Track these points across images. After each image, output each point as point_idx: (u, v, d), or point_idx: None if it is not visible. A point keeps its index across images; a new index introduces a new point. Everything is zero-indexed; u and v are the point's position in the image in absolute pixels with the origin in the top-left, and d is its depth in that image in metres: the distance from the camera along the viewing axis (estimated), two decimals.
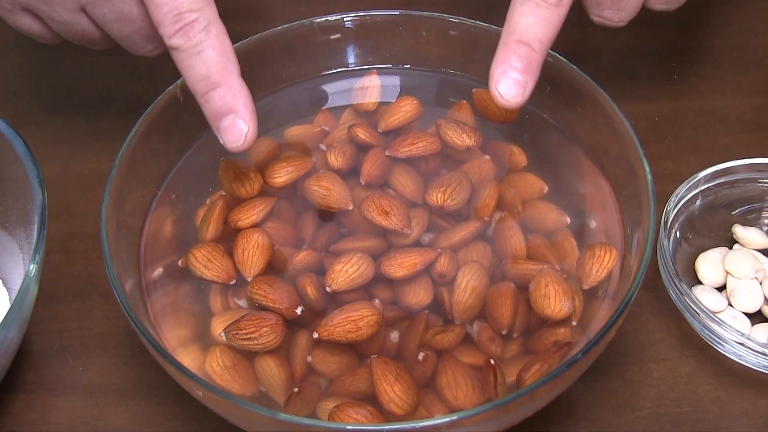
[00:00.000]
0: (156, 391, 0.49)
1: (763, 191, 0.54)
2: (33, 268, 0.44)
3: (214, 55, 0.45)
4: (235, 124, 0.45)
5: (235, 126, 0.45)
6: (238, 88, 0.46)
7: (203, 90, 0.45)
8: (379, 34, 0.54)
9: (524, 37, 0.45)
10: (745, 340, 0.47)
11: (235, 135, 0.45)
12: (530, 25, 0.45)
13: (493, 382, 0.41)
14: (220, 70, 0.45)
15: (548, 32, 0.46)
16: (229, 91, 0.45)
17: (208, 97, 0.45)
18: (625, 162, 0.47)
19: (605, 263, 0.45)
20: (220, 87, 0.45)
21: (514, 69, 0.45)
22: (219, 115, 0.45)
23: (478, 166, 0.50)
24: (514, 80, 0.45)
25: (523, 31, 0.45)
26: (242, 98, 0.46)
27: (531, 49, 0.45)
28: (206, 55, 0.45)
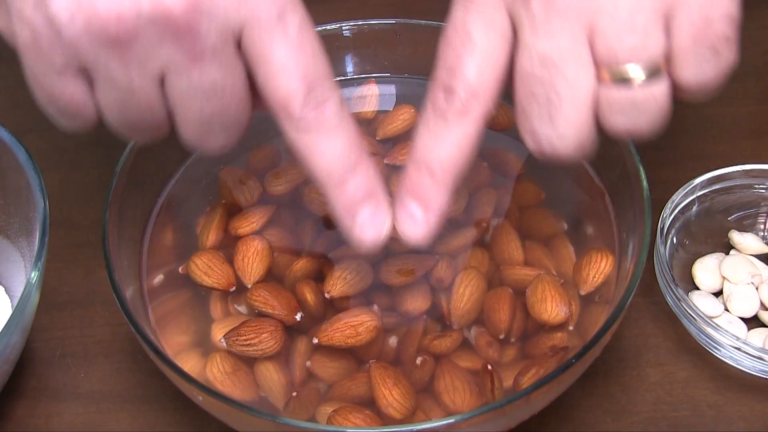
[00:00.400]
0: (157, 397, 0.49)
1: (759, 197, 0.54)
2: (34, 275, 0.44)
3: (351, 135, 0.38)
4: (375, 217, 0.39)
5: (377, 218, 0.39)
6: (374, 172, 0.39)
7: (339, 177, 0.38)
8: (377, 42, 0.55)
9: (421, 161, 0.39)
10: (741, 344, 0.47)
11: (376, 230, 0.39)
12: (428, 147, 0.38)
13: (490, 387, 0.42)
14: (358, 153, 0.38)
15: (450, 154, 0.38)
16: (368, 177, 0.38)
17: (344, 186, 0.38)
18: (621, 168, 0.47)
19: (601, 269, 0.45)
20: (359, 171, 0.38)
21: (412, 200, 0.39)
22: (357, 205, 0.39)
23: (475, 173, 0.51)
24: (411, 215, 0.39)
25: (421, 154, 0.39)
26: (380, 184, 0.39)
27: (429, 176, 0.39)
28: (344, 135, 0.38)
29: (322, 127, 0.37)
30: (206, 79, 0.37)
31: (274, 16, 0.36)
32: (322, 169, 0.38)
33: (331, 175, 0.38)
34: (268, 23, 0.36)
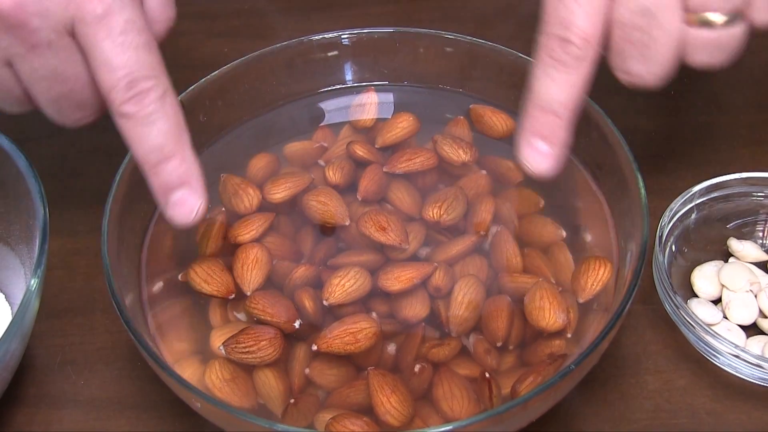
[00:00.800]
0: (157, 405, 0.49)
1: (757, 205, 0.55)
2: (34, 282, 0.45)
3: (168, 125, 0.43)
4: (187, 199, 0.43)
5: (188, 200, 0.43)
6: (191, 160, 0.44)
7: (154, 161, 0.43)
8: (376, 51, 0.55)
9: (545, 104, 0.43)
10: (740, 352, 0.47)
11: (186, 209, 0.44)
12: (550, 91, 0.43)
13: (488, 394, 0.42)
14: (174, 141, 0.43)
15: (570, 95, 0.43)
16: (183, 163, 0.43)
17: (160, 169, 0.43)
18: (620, 176, 0.47)
19: (600, 276, 0.46)
20: (173, 158, 0.43)
21: (539, 139, 0.44)
22: (170, 188, 0.43)
23: (474, 181, 0.51)
24: (539, 151, 0.44)
25: (544, 97, 0.44)
26: (195, 171, 0.44)
27: (555, 117, 0.43)
28: (161, 124, 0.43)
29: (140, 118, 0.42)
30: (45, 65, 0.44)
31: (98, 15, 0.42)
32: (140, 153, 0.43)
33: (147, 160, 0.43)
34: (93, 21, 0.42)
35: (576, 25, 0.43)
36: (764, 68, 0.66)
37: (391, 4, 0.72)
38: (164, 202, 0.44)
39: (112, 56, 0.42)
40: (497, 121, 0.53)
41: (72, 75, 0.44)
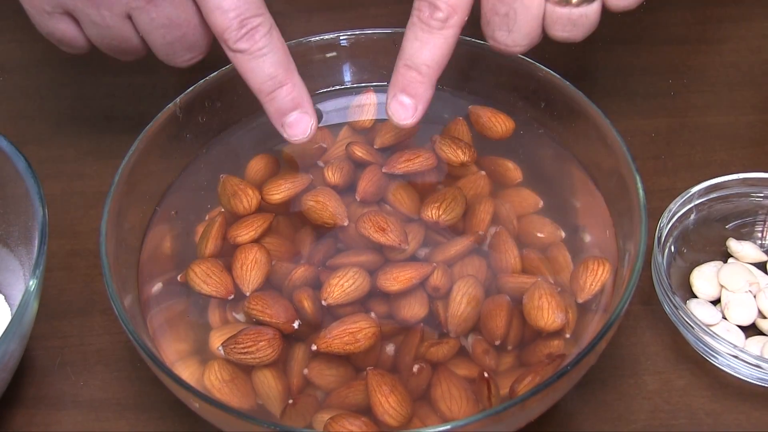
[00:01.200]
0: (156, 406, 0.49)
1: (756, 205, 0.55)
2: (33, 283, 0.45)
3: (279, 55, 0.48)
4: (301, 119, 0.49)
5: (302, 120, 0.49)
6: (300, 84, 0.49)
7: (270, 89, 0.48)
8: (375, 51, 0.55)
9: (410, 62, 0.48)
10: (738, 352, 0.47)
11: (301, 128, 0.49)
12: (416, 50, 0.47)
13: (486, 394, 0.42)
14: (285, 69, 0.48)
15: (434, 55, 0.47)
16: (294, 88, 0.48)
17: (275, 95, 0.48)
18: (618, 177, 0.47)
19: (599, 276, 0.46)
20: (286, 84, 0.48)
21: (402, 93, 0.48)
22: (285, 111, 0.48)
23: (474, 181, 0.51)
24: (401, 104, 0.48)
25: (409, 56, 0.48)
26: (305, 93, 0.49)
27: (417, 74, 0.48)
28: (272, 56, 0.48)
29: (253, 52, 0.48)
30: (162, 14, 0.50)
31: None
32: (255, 84, 0.49)
33: (263, 89, 0.48)
34: None
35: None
36: (763, 69, 0.66)
37: (390, 5, 0.72)
38: (280, 124, 0.49)
39: (221, 2, 0.47)
40: (496, 122, 0.53)
41: (184, 21, 0.51)
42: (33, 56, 0.70)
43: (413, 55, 0.48)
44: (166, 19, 0.51)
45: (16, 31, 0.71)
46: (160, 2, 0.50)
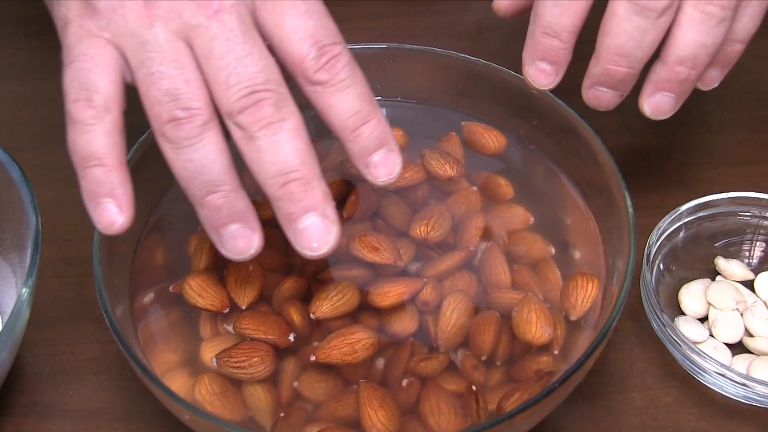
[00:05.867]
0: (146, 416, 0.49)
1: (744, 224, 0.55)
2: (25, 292, 0.45)
3: (362, 87, 0.42)
4: (388, 158, 0.42)
5: (389, 159, 0.42)
6: (384, 119, 0.43)
7: (354, 126, 0.41)
8: (370, 66, 0.55)
9: (550, 29, 0.47)
10: (725, 371, 0.48)
11: (388, 168, 0.42)
12: (555, 17, 0.47)
13: (475, 408, 0.42)
14: (369, 103, 0.42)
15: (574, 22, 0.47)
16: (380, 123, 0.42)
17: (360, 132, 0.42)
18: (608, 194, 0.48)
19: (589, 293, 0.46)
20: (371, 120, 0.42)
21: (542, 60, 0.48)
22: (371, 150, 0.42)
23: (465, 197, 0.51)
24: (542, 70, 0.48)
25: (549, 23, 0.47)
26: (389, 129, 0.43)
27: (559, 41, 0.47)
28: (356, 88, 0.41)
29: (335, 85, 0.41)
30: None
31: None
32: (337, 120, 0.42)
33: (346, 126, 0.42)
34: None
35: None
36: (754, 88, 0.67)
37: (386, 18, 0.73)
38: (364, 165, 0.42)
39: (299, 24, 0.41)
40: (489, 137, 0.53)
41: None
42: (27, 63, 0.70)
43: (553, 22, 0.47)
44: None
45: (10, 38, 0.72)
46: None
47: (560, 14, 0.47)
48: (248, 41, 0.40)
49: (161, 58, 0.40)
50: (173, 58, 0.40)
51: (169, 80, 0.39)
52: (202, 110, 0.40)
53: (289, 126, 0.40)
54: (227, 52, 0.39)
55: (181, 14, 0.40)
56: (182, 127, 0.39)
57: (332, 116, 0.42)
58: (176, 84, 0.39)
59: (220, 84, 0.40)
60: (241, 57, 0.39)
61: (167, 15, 0.40)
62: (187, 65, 0.40)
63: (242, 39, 0.40)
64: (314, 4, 0.41)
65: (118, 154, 0.41)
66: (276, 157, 0.40)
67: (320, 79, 0.41)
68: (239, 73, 0.39)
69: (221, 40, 0.39)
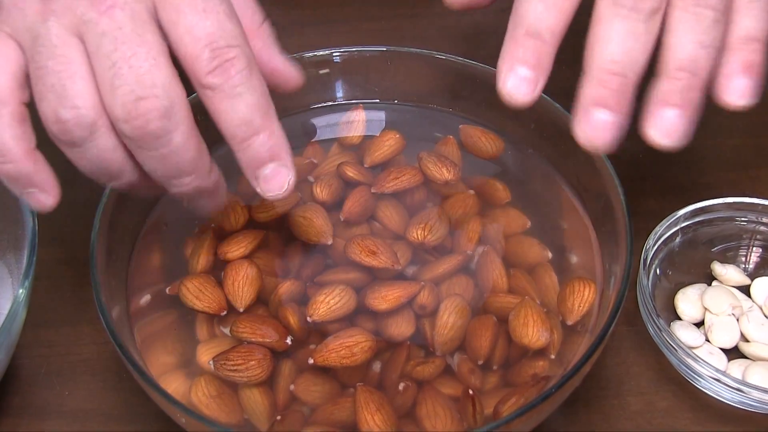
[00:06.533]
0: (141, 417, 0.49)
1: (741, 229, 0.55)
2: (22, 293, 0.45)
3: (255, 97, 0.40)
4: (279, 172, 0.41)
5: (279, 173, 0.41)
6: (279, 132, 0.41)
7: (243, 135, 0.40)
8: (367, 69, 0.55)
9: (533, 28, 0.42)
10: (720, 376, 0.48)
11: (278, 183, 0.41)
12: (539, 15, 0.42)
13: (471, 412, 0.42)
14: (262, 114, 0.40)
15: (560, 21, 0.42)
16: (272, 137, 0.41)
17: (249, 143, 0.40)
18: (605, 199, 0.48)
19: (586, 298, 0.46)
20: (263, 132, 0.40)
21: (524, 65, 0.42)
22: (261, 162, 0.41)
23: (462, 200, 0.51)
24: (523, 78, 0.42)
25: (533, 21, 0.42)
26: (284, 143, 0.41)
27: (542, 42, 0.42)
28: (248, 97, 0.40)
29: (226, 90, 0.39)
30: None
31: None
32: (227, 129, 0.40)
33: (235, 134, 0.40)
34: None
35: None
36: None
37: (384, 20, 0.73)
38: (254, 177, 0.42)
39: (194, 23, 0.39)
40: (486, 141, 0.53)
41: None
42: None
43: (537, 20, 0.41)
44: None
45: None
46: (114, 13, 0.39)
47: (545, 12, 0.41)
48: (136, 39, 0.38)
49: (49, 52, 0.39)
50: (61, 53, 0.38)
51: (54, 75, 0.38)
52: (86, 109, 0.39)
53: (178, 139, 0.39)
54: (113, 51, 0.38)
55: (75, 9, 0.39)
56: (69, 131, 0.39)
57: (222, 122, 0.40)
58: (61, 80, 0.38)
59: (105, 85, 0.38)
60: (126, 57, 0.38)
61: (62, 10, 0.39)
62: (75, 61, 0.38)
63: (131, 37, 0.38)
64: (215, 3, 0.39)
65: (23, 145, 0.41)
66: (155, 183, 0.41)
67: (211, 83, 0.39)
68: (123, 74, 0.38)
69: (109, 38, 0.38)
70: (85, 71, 0.39)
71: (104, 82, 0.38)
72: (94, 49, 0.39)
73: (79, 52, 0.39)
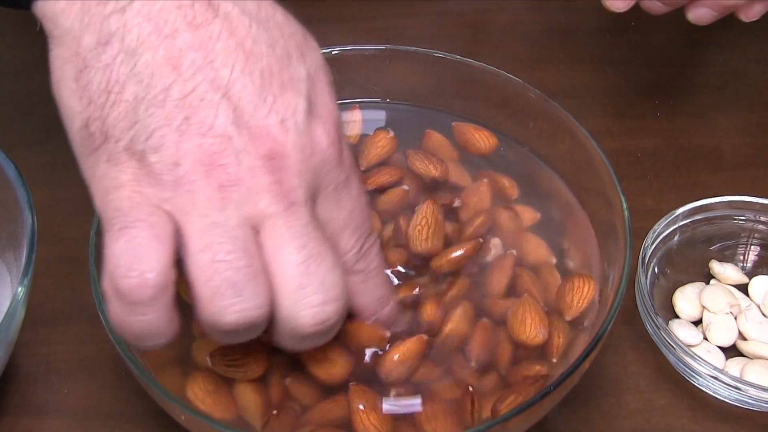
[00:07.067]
0: (139, 415, 0.49)
1: (739, 228, 0.55)
2: (21, 291, 0.45)
3: (385, 274, 0.43)
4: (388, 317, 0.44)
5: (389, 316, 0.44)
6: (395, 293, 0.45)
7: (376, 309, 0.43)
8: (366, 66, 0.55)
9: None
10: (718, 374, 0.48)
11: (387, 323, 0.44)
12: None
13: (470, 409, 0.42)
14: (390, 287, 0.44)
15: None
16: (394, 303, 0.44)
17: (379, 314, 0.43)
18: (604, 197, 0.48)
19: (585, 294, 0.46)
20: (390, 302, 0.44)
21: None
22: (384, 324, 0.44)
23: (476, 191, 0.51)
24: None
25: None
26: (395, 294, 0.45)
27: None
28: (382, 275, 0.43)
29: (367, 273, 0.42)
30: None
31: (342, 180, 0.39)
32: (363, 305, 0.43)
33: (369, 308, 0.43)
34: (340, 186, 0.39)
35: None
36: (747, 93, 0.67)
37: (381, 19, 0.73)
38: None
39: (352, 219, 0.40)
40: (480, 137, 0.53)
41: None
42: (23, 61, 0.70)
43: None
44: None
45: (5, 35, 0.71)
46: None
47: None
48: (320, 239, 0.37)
49: (232, 245, 0.36)
50: (245, 246, 0.36)
51: (236, 272, 0.35)
52: (266, 308, 0.37)
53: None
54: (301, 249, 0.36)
55: (256, 202, 0.36)
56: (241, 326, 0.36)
57: (360, 299, 0.42)
58: (245, 278, 0.36)
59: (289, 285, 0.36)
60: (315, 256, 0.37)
61: (241, 200, 0.36)
62: (255, 257, 0.36)
63: (315, 237, 0.37)
64: (362, 190, 0.41)
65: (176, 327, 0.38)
66: None
67: (358, 270, 0.41)
68: (311, 273, 0.37)
69: (294, 235, 0.36)
70: (264, 269, 0.36)
71: (288, 282, 0.36)
72: (276, 245, 0.36)
73: (255, 246, 0.36)
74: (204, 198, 0.36)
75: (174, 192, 0.36)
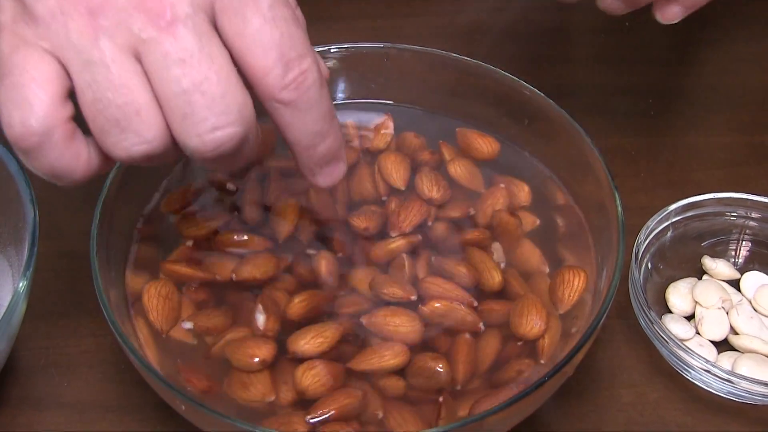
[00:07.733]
0: (140, 408, 0.50)
1: (731, 225, 0.56)
2: (23, 285, 0.45)
3: (326, 107, 0.39)
4: (337, 166, 0.41)
5: (337, 167, 0.41)
6: (340, 133, 0.41)
7: (309, 143, 0.39)
8: (364, 65, 0.56)
9: None
10: (710, 367, 0.49)
11: (335, 176, 0.42)
12: None
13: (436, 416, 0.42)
14: (330, 121, 0.39)
15: None
16: (335, 140, 0.40)
17: (315, 150, 0.40)
18: (598, 194, 0.49)
19: (576, 287, 0.46)
20: (329, 137, 0.40)
21: None
22: (322, 163, 0.41)
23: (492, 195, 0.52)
24: None
25: None
26: (343, 140, 0.41)
27: None
28: (319, 108, 0.38)
29: (299, 104, 0.37)
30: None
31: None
32: (295, 140, 0.39)
33: (300, 143, 0.39)
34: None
35: None
36: (740, 91, 0.68)
37: (379, 18, 0.73)
38: (311, 174, 0.41)
39: (263, 33, 0.36)
40: (483, 143, 0.53)
41: None
42: None
43: None
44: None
45: None
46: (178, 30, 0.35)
47: None
48: (206, 62, 0.35)
49: (107, 82, 0.35)
50: (122, 82, 0.35)
51: (117, 109, 0.35)
52: (158, 141, 0.36)
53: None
54: (182, 77, 0.35)
55: (130, 26, 0.35)
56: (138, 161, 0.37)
57: (290, 134, 0.39)
58: (127, 115, 0.35)
59: (174, 114, 0.35)
60: (197, 83, 0.35)
61: (114, 27, 0.35)
62: (139, 90, 0.35)
63: (199, 59, 0.35)
64: (280, 9, 0.37)
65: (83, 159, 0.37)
66: None
67: (285, 99, 0.37)
68: (195, 102, 0.35)
69: (174, 60, 0.35)
70: (149, 100, 0.35)
71: (173, 111, 0.35)
72: (157, 72, 0.35)
73: (141, 79, 0.35)
74: (76, 29, 0.35)
75: (48, 28, 0.35)
